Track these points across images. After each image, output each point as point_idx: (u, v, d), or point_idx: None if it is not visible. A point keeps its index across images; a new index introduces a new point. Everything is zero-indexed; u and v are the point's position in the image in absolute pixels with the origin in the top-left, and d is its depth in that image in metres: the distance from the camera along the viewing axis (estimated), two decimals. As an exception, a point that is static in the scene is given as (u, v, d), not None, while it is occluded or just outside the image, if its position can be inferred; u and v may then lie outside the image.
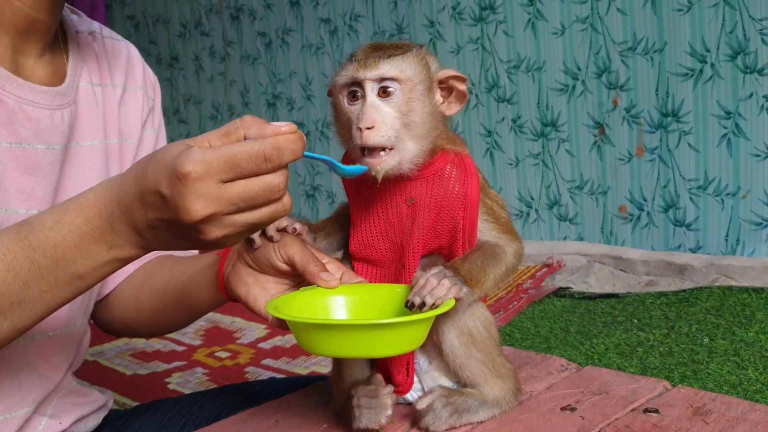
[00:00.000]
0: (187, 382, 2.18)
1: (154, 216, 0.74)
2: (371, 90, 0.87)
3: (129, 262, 0.80)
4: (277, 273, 0.94)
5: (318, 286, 0.89)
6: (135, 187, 0.75)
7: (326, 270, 0.90)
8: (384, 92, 0.87)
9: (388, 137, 0.86)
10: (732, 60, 2.50)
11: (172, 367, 2.29)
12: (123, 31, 4.86)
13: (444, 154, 0.93)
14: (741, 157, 2.54)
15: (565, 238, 3.05)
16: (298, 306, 0.88)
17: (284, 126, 0.73)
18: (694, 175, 2.66)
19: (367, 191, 0.94)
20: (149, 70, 1.23)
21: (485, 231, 0.93)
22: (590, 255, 2.89)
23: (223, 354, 2.39)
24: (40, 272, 0.77)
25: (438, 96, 0.91)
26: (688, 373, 1.81)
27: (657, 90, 2.70)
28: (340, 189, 4.15)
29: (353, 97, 0.88)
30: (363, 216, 0.94)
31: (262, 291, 0.95)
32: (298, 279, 0.94)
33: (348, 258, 1.00)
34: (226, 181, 0.71)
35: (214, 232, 0.72)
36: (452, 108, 0.92)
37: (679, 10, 2.59)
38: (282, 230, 0.94)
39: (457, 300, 0.84)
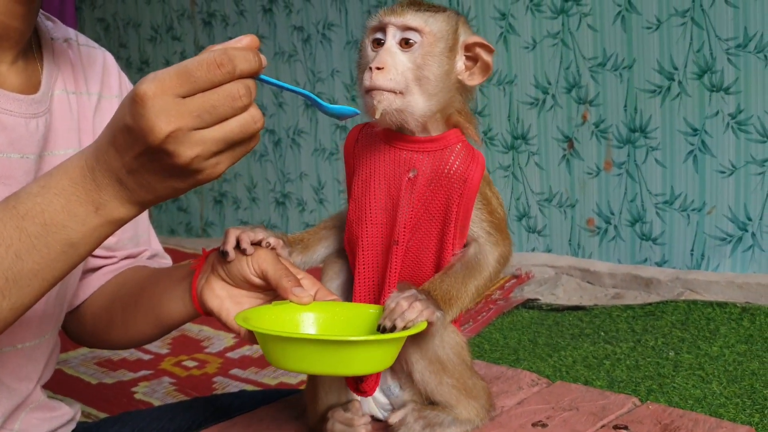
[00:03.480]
0: (154, 391, 2.15)
1: (129, 156, 0.73)
2: (392, 36, 0.87)
3: (120, 225, 0.78)
4: (251, 287, 0.94)
5: (290, 301, 0.88)
6: (107, 134, 0.75)
7: (300, 285, 0.89)
8: (406, 43, 0.86)
9: (396, 81, 0.85)
10: (699, 78, 2.55)
11: (138, 376, 2.26)
12: (93, 34, 4.80)
13: (457, 133, 0.91)
14: (707, 174, 2.59)
15: (533, 250, 3.08)
16: (268, 319, 0.87)
17: (245, 38, 0.74)
18: (661, 190, 2.71)
19: (370, 162, 0.92)
20: (125, 78, 1.22)
21: (477, 221, 0.91)
22: (558, 267, 2.92)
23: (191, 363, 2.37)
24: (31, 241, 0.75)
25: (461, 62, 0.90)
26: (655, 386, 1.83)
27: (625, 106, 2.74)
28: (311, 198, 4.11)
29: (377, 44, 0.88)
30: (364, 188, 0.92)
31: (236, 305, 0.94)
32: (272, 294, 0.94)
33: (331, 263, 0.99)
34: (185, 96, 0.70)
35: (185, 151, 0.71)
36: (474, 78, 0.90)
37: (648, 28, 2.64)
38: (256, 244, 0.93)
39: (430, 323, 0.83)
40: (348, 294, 0.97)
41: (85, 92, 1.12)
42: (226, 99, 0.71)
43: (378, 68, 0.85)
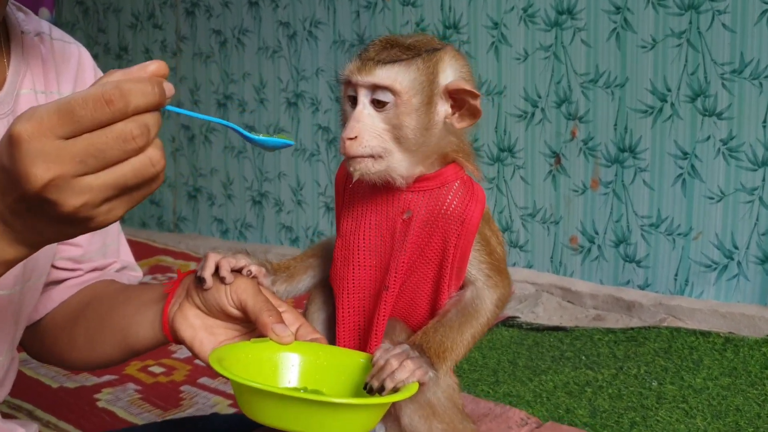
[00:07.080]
0: (118, 399, 2.06)
1: (11, 198, 0.64)
2: (364, 96, 0.80)
3: (11, 266, 0.69)
4: (228, 318, 0.87)
5: (270, 339, 0.81)
6: None
7: (281, 321, 0.82)
8: (378, 103, 0.79)
9: (371, 148, 0.79)
10: (692, 101, 2.51)
11: (102, 381, 2.16)
12: (71, 18, 4.67)
13: (455, 169, 0.85)
14: (695, 199, 2.55)
15: (514, 265, 3.03)
16: (245, 360, 0.78)
17: (152, 64, 0.64)
18: (647, 212, 2.67)
19: (362, 200, 0.85)
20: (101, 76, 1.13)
21: (475, 263, 0.85)
22: (539, 284, 2.87)
23: (157, 369, 2.28)
24: None
25: (445, 108, 0.83)
26: (638, 419, 1.78)
27: (616, 124, 2.70)
28: (288, 199, 4.01)
29: (353, 102, 0.81)
30: (353, 227, 0.85)
31: (210, 336, 0.88)
32: (250, 326, 0.87)
33: (317, 294, 0.92)
34: (67, 137, 0.60)
35: (70, 200, 0.61)
36: (464, 121, 0.84)
37: (643, 47, 2.59)
38: (237, 271, 0.86)
39: (421, 384, 0.77)
40: (333, 330, 0.90)
41: (56, 92, 1.03)
42: (115, 141, 0.61)
43: (350, 138, 0.78)
